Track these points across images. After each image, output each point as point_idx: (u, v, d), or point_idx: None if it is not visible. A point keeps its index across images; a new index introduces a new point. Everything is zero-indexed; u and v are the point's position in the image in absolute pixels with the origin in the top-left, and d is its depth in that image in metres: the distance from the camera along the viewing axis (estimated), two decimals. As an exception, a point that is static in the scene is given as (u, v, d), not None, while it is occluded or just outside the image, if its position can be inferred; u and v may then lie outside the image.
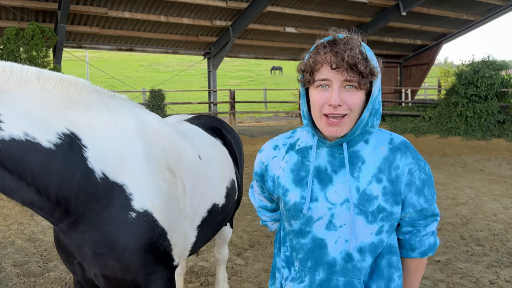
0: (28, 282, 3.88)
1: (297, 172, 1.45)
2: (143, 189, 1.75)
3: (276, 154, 1.54)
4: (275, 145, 1.57)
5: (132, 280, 1.77)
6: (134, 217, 1.71)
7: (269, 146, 1.58)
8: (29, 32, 10.82)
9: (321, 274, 1.40)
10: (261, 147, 1.62)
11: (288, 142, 1.54)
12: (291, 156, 1.50)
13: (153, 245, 1.79)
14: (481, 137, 13.29)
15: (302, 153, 1.47)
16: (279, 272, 1.55)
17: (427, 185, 1.43)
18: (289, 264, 1.51)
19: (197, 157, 2.27)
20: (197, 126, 2.85)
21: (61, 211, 1.60)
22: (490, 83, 13.46)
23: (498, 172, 9.38)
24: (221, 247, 3.41)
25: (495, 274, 4.11)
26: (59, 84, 1.59)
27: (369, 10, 17.15)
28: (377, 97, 1.37)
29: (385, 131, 1.48)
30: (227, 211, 2.55)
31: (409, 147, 1.43)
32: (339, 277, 1.38)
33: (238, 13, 15.29)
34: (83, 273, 1.84)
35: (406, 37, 19.54)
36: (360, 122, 1.34)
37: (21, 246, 4.77)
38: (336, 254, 1.38)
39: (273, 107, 24.98)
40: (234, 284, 3.88)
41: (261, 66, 50.36)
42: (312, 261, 1.41)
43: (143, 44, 16.43)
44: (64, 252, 1.87)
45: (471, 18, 19.01)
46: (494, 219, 5.86)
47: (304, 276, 1.44)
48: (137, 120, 1.86)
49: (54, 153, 1.50)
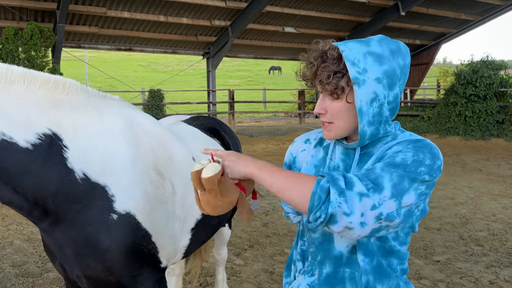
0: (27, 283, 3.87)
1: (319, 168, 1.48)
2: (126, 191, 1.73)
3: (306, 148, 1.57)
4: (307, 138, 1.59)
5: (117, 281, 1.76)
6: (115, 219, 1.69)
7: (301, 139, 1.61)
8: (27, 32, 10.80)
9: (328, 267, 1.43)
10: (294, 139, 1.65)
11: (318, 137, 1.56)
12: (317, 151, 1.52)
13: (136, 247, 1.77)
14: (480, 137, 13.31)
15: (326, 149, 1.50)
16: (294, 264, 1.58)
17: (400, 166, 1.22)
18: (304, 257, 1.54)
19: (191, 158, 2.26)
20: (194, 127, 2.83)
21: (40, 211, 1.60)
22: (489, 83, 13.47)
23: (497, 172, 9.39)
24: (220, 248, 3.41)
25: (495, 274, 4.11)
26: (45, 84, 1.59)
27: (368, 10, 17.17)
28: (371, 107, 1.30)
29: (414, 135, 1.40)
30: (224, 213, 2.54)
31: (419, 142, 1.30)
32: (345, 268, 1.40)
33: (237, 13, 15.30)
34: (65, 274, 1.84)
35: (405, 37, 19.55)
36: (363, 135, 1.32)
37: (20, 246, 4.77)
38: (342, 248, 1.40)
39: (272, 107, 24.98)
40: (234, 285, 3.87)
41: (260, 66, 50.36)
42: (321, 254, 1.44)
43: (142, 44, 16.42)
44: (48, 252, 1.87)
45: (470, 18, 19.03)
46: (493, 219, 5.87)
47: (314, 270, 1.47)
48: (125, 120, 1.84)
49: (32, 153, 1.49)
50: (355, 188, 1.15)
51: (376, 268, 1.37)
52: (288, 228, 5.47)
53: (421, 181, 1.23)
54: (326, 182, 1.18)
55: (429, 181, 1.26)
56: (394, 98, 1.33)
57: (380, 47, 1.32)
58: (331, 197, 1.15)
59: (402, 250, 1.40)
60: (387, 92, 1.30)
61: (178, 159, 2.12)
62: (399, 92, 1.35)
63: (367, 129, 1.31)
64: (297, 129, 15.96)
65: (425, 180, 1.24)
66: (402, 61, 1.34)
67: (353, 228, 1.15)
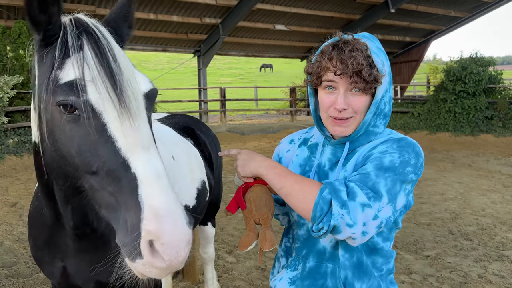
0: (17, 283, 3.84)
1: (304, 167, 1.50)
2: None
3: (291, 148, 1.60)
4: (291, 139, 1.62)
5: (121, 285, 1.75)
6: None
7: (286, 140, 1.64)
8: (15, 30, 10.67)
9: (311, 261, 1.44)
10: (281, 140, 1.68)
11: (303, 137, 1.59)
12: (302, 151, 1.54)
13: None
14: (469, 133, 13.44)
15: (311, 149, 1.52)
16: (278, 261, 1.61)
17: (390, 170, 1.23)
18: (287, 254, 1.57)
19: (171, 157, 2.26)
20: (168, 125, 2.80)
21: None
22: (478, 79, 13.60)
23: (486, 167, 9.50)
24: (206, 247, 3.41)
25: (484, 268, 4.16)
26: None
27: (358, 8, 17.23)
28: (383, 99, 1.36)
29: (394, 132, 1.43)
30: (198, 213, 2.54)
31: (402, 141, 1.32)
32: (328, 263, 1.41)
33: (228, 10, 15.25)
34: (63, 278, 1.73)
35: (395, 34, 19.67)
36: (363, 123, 1.35)
37: (10, 247, 4.72)
38: (326, 243, 1.42)
39: (263, 104, 24.98)
40: (226, 282, 3.88)
41: (252, 63, 50.32)
42: (306, 249, 1.46)
43: (132, 42, 16.29)
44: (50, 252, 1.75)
45: (459, 15, 19.18)
46: (482, 214, 5.94)
47: (298, 264, 1.48)
48: None
49: None
50: (358, 199, 1.16)
51: (356, 264, 1.38)
52: (279, 225, 5.49)
53: (409, 182, 1.27)
54: (328, 193, 1.18)
55: (415, 180, 1.30)
56: (389, 97, 1.40)
57: (379, 44, 1.38)
58: (333, 209, 1.16)
59: (385, 247, 1.41)
60: (389, 87, 1.37)
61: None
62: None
63: (369, 118, 1.35)
64: (288, 126, 15.97)
65: (412, 180, 1.27)
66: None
67: (355, 238, 1.18)
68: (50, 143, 1.22)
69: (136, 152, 1.11)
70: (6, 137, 9.80)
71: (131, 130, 1.13)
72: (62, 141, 1.18)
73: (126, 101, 1.14)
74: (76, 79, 1.13)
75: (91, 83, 1.13)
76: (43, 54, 1.21)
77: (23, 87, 10.76)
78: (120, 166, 1.10)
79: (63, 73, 1.15)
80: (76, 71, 1.14)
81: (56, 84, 1.15)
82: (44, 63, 1.20)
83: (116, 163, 1.11)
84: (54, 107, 1.16)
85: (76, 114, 1.13)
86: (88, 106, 1.12)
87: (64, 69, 1.16)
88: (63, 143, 1.18)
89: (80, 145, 1.14)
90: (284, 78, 36.73)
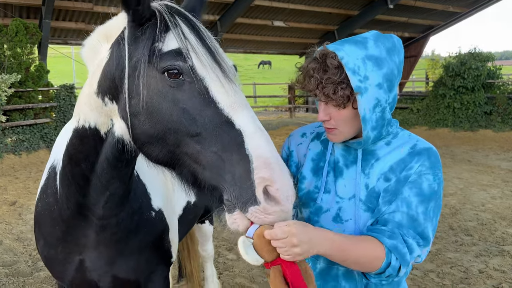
0: (17, 282, 3.83)
1: (317, 162, 1.50)
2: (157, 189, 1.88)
3: (302, 142, 1.58)
4: (303, 132, 1.61)
5: (135, 279, 1.78)
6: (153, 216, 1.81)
7: (297, 132, 1.63)
8: (12, 28, 10.62)
9: (321, 263, 1.44)
10: (291, 132, 1.67)
11: (315, 131, 1.58)
12: (315, 145, 1.54)
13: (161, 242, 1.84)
14: (468, 128, 13.43)
15: (325, 144, 1.52)
16: None
17: (432, 198, 1.31)
18: None
19: None
20: None
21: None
22: (476, 75, 13.58)
23: (486, 162, 9.50)
24: (205, 244, 3.41)
25: (484, 263, 4.17)
26: None
27: (356, 3, 17.17)
28: (376, 108, 1.30)
29: (414, 136, 1.43)
30: (197, 209, 2.56)
31: (431, 155, 1.35)
32: (339, 266, 1.40)
33: (226, 7, 15.20)
34: (79, 273, 1.72)
35: (393, 29, 19.61)
36: (367, 139, 1.35)
37: (10, 246, 4.71)
38: None
39: (262, 101, 24.94)
40: (227, 279, 3.88)
41: (250, 60, 50.21)
42: None
43: (130, 40, 16.25)
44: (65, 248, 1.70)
45: (457, 10, 19.15)
46: (482, 209, 5.94)
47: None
48: None
49: None
50: (415, 254, 1.29)
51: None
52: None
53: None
54: (395, 260, 1.26)
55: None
56: (393, 98, 1.35)
57: (377, 48, 1.30)
58: (400, 273, 1.29)
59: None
60: (387, 96, 1.32)
61: None
62: (396, 89, 1.38)
63: (371, 134, 1.33)
64: (287, 123, 15.96)
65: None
66: (398, 58, 1.34)
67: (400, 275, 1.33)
68: (145, 117, 1.25)
69: (239, 111, 1.19)
70: (4, 136, 9.77)
71: (232, 91, 1.23)
72: (164, 109, 1.22)
73: (224, 67, 1.25)
74: (180, 47, 1.23)
75: (192, 51, 1.23)
76: (137, 34, 1.27)
77: (21, 85, 10.72)
78: (225, 124, 1.18)
79: (165, 44, 1.24)
80: (179, 41, 1.24)
81: (160, 52, 1.23)
82: (141, 40, 1.26)
83: (221, 121, 1.18)
84: (159, 76, 1.22)
85: (180, 79, 1.21)
86: (193, 71, 1.21)
87: (165, 41, 1.24)
88: (165, 112, 1.22)
89: (184, 109, 1.21)
90: (283, 74, 36.66)
